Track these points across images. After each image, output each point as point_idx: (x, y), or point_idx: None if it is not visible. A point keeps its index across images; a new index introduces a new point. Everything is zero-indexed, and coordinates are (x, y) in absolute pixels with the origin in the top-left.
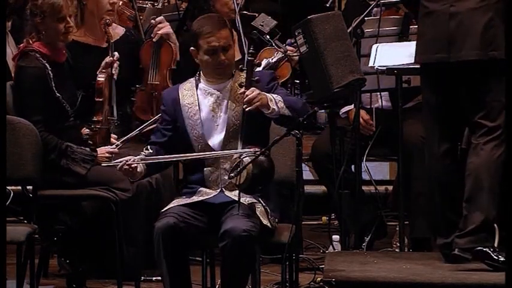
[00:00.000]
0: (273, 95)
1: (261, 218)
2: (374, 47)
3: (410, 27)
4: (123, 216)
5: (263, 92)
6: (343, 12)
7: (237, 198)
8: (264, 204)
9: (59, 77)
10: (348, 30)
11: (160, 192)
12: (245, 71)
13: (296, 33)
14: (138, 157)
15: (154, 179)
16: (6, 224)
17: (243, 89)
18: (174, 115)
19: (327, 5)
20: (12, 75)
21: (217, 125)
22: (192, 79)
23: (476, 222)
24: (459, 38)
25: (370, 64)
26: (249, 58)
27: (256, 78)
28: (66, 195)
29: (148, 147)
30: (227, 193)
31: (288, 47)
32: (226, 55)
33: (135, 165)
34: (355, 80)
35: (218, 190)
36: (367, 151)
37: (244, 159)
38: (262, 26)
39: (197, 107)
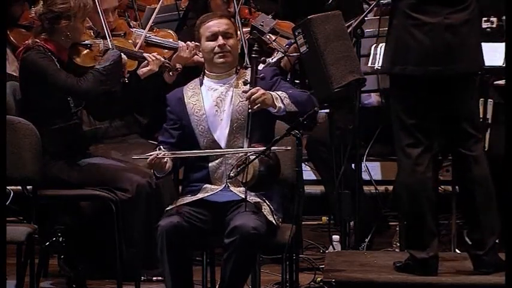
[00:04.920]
0: (277, 92)
1: (267, 215)
2: (378, 47)
3: None
4: (123, 217)
5: (267, 91)
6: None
7: (242, 195)
8: (268, 203)
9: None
10: (348, 30)
11: (160, 193)
12: (249, 69)
13: (296, 33)
14: (167, 152)
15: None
16: (6, 224)
17: (247, 87)
18: (180, 114)
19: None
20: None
21: (221, 120)
22: (196, 79)
23: (496, 235)
24: (457, 50)
25: (372, 64)
26: (253, 55)
27: (261, 75)
28: (66, 195)
29: (161, 146)
30: (232, 188)
31: None
32: (228, 42)
33: (166, 159)
34: (355, 80)
35: (223, 185)
36: (367, 151)
37: (250, 157)
38: (262, 25)
39: (201, 103)
